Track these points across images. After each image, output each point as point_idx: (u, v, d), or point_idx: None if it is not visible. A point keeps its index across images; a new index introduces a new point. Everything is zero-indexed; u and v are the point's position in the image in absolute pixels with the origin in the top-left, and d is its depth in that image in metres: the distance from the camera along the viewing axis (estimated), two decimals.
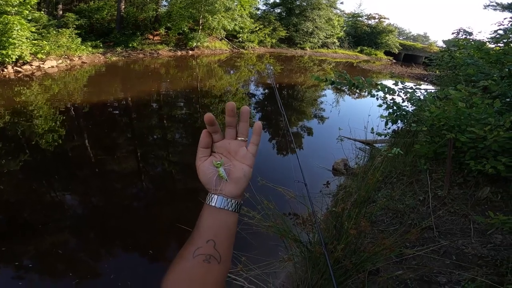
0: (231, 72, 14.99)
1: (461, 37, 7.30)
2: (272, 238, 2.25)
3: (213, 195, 0.53)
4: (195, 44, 17.51)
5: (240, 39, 21.48)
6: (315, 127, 7.84)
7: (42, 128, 5.78)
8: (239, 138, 0.56)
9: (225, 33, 19.99)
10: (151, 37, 17.05)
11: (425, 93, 3.78)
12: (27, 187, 4.04)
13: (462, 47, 5.84)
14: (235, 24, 19.62)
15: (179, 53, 16.92)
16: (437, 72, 10.75)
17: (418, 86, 3.80)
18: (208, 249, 0.49)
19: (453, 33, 8.31)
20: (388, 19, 32.39)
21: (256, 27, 22.38)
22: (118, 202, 3.93)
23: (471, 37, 7.19)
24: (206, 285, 0.47)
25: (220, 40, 20.49)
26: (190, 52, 17.54)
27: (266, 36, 23.39)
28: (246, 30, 21.47)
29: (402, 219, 2.75)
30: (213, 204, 0.52)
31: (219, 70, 14.74)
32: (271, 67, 16.00)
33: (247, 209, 2.05)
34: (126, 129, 6.74)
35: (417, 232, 1.91)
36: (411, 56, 30.95)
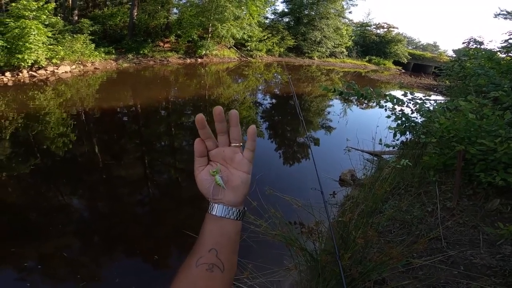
0: (239, 80, 15.13)
1: (472, 47, 7.19)
2: (278, 246, 2.25)
3: (213, 204, 0.53)
4: (204, 52, 17.76)
5: (248, 47, 21.69)
6: (322, 138, 7.82)
7: (53, 133, 5.92)
8: (233, 145, 0.54)
9: (233, 41, 20.23)
10: (161, 44, 17.36)
11: (434, 104, 3.75)
12: (35, 189, 4.13)
13: (472, 57, 5.74)
14: (244, 33, 19.86)
15: (188, 60, 17.17)
16: (447, 82, 10.63)
17: (427, 97, 3.78)
18: (210, 258, 0.48)
19: (463, 43, 8.21)
20: (397, 28, 32.35)
21: (264, 36, 22.59)
22: (124, 207, 3.98)
23: (481, 46, 7.06)
24: None
25: (229, 48, 20.74)
26: (199, 60, 17.79)
27: (274, 45, 23.56)
28: (254, 39, 21.69)
29: (410, 229, 2.72)
30: (214, 213, 0.52)
31: (227, 79, 14.90)
32: (290, 76, 16.04)
33: (254, 217, 2.06)
34: (134, 135, 6.85)
35: (425, 242, 1.89)
36: (420, 66, 30.67)
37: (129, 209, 3.92)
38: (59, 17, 12.11)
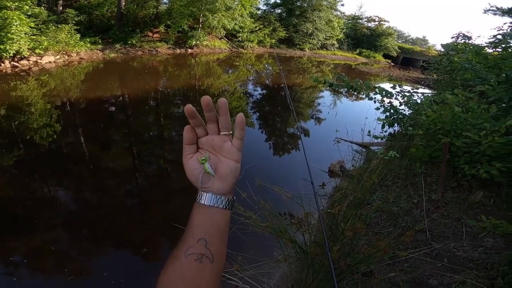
0: (230, 71, 14.98)
1: (460, 41, 7.30)
2: (268, 238, 2.26)
3: (202, 192, 0.52)
4: (194, 42, 17.45)
5: (239, 38, 21.44)
6: (312, 129, 7.86)
7: (37, 123, 5.74)
8: (222, 133, 0.53)
9: (225, 32, 19.96)
10: (150, 34, 16.97)
11: (422, 97, 3.80)
12: (20, 182, 3.99)
13: (460, 51, 5.83)
14: (235, 24, 19.59)
15: (178, 51, 16.86)
16: (435, 76, 10.81)
17: (415, 90, 3.82)
18: (199, 248, 0.48)
19: (452, 37, 8.32)
20: (388, 22, 32.52)
21: (256, 27, 22.35)
22: (112, 199, 3.90)
23: (470, 41, 7.18)
24: (199, 285, 0.46)
25: (220, 39, 20.45)
26: (189, 50, 17.50)
27: (266, 36, 23.37)
28: (246, 30, 21.44)
29: (396, 221, 2.78)
30: (203, 202, 0.51)
31: (218, 69, 14.73)
32: (281, 67, 15.93)
33: (244, 209, 2.07)
34: (122, 126, 6.72)
35: (411, 235, 1.93)
36: (409, 59, 31.05)
37: (118, 201, 3.86)
38: (43, 8, 11.77)
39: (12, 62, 9.43)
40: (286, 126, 7.95)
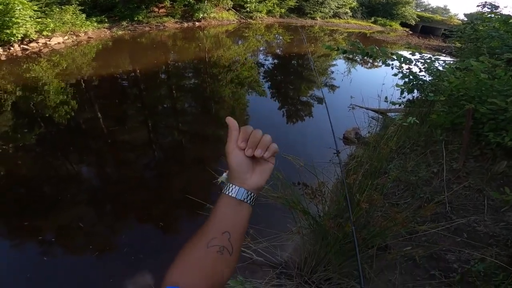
0: (240, 42, 14.56)
1: (487, 11, 6.84)
2: (281, 209, 2.22)
3: (233, 185, 0.53)
4: (201, 15, 16.89)
5: (247, 9, 20.59)
6: (326, 96, 7.61)
7: (53, 102, 5.80)
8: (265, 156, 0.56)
9: (232, 3, 19.18)
10: (156, 9, 16.51)
11: (443, 64, 3.58)
12: (42, 160, 4.11)
13: (487, 20, 5.53)
14: None
15: (185, 24, 16.41)
16: (457, 44, 10.28)
17: (437, 57, 3.59)
18: (223, 241, 0.49)
19: (478, 6, 7.82)
20: None
21: None
22: (129, 173, 3.97)
23: (497, 10, 6.73)
24: (215, 275, 0.48)
25: (227, 10, 19.70)
26: (197, 23, 16.99)
27: (275, 5, 22.36)
28: (254, 0, 20.54)
29: (415, 192, 2.68)
30: (233, 195, 0.52)
31: (227, 41, 14.34)
32: (304, 34, 15.34)
33: None
34: (136, 100, 6.73)
35: (432, 208, 1.83)
36: (429, 28, 29.34)
37: (135, 175, 3.92)
38: None
39: (21, 45, 9.51)
40: (298, 94, 7.78)
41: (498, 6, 6.75)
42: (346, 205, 1.94)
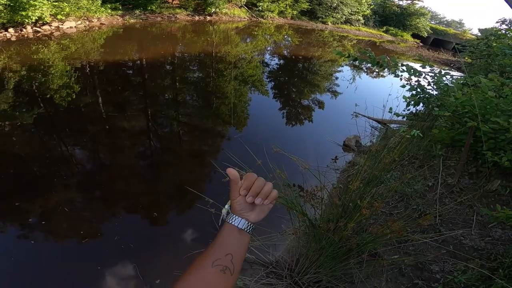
0: (248, 40, 14.56)
1: (505, 27, 6.84)
2: (277, 209, 2.25)
3: (236, 217, 0.62)
4: (213, 10, 16.92)
5: (260, 8, 20.59)
6: (328, 101, 7.66)
7: (56, 84, 5.81)
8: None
9: (244, 0, 19.17)
10: (170, 0, 16.56)
11: (451, 79, 3.59)
12: (38, 141, 4.08)
13: (502, 37, 5.52)
14: None
15: (196, 18, 16.43)
16: (467, 59, 10.28)
17: (447, 71, 3.61)
18: (226, 261, 0.57)
19: (497, 22, 7.83)
20: (422, 1, 30.27)
21: None
22: (125, 160, 3.92)
23: None
24: None
25: (240, 7, 19.70)
26: (208, 17, 17.01)
27: (287, 7, 22.33)
28: None
29: (408, 203, 2.72)
30: (236, 225, 0.61)
31: (236, 37, 14.35)
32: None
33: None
34: (138, 88, 6.72)
35: (429, 219, 1.85)
36: (440, 41, 29.26)
37: (131, 163, 3.88)
38: None
39: (34, 28, 9.47)
40: (302, 97, 7.80)
41: None
42: (341, 210, 1.98)
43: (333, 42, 19.13)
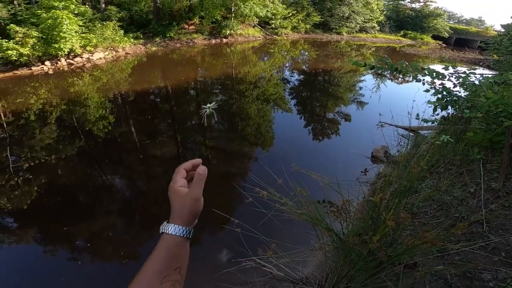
0: (265, 58, 14.85)
1: None
2: (304, 226, 2.19)
3: (176, 226, 0.58)
4: (228, 32, 17.52)
5: (273, 25, 21.06)
6: (354, 113, 7.55)
7: (93, 116, 6.24)
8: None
9: (257, 20, 19.71)
10: (186, 26, 17.37)
11: (480, 78, 3.39)
12: (81, 171, 4.42)
13: None
14: (267, 11, 19.21)
15: (213, 41, 17.06)
16: (495, 56, 9.77)
17: (472, 71, 3.41)
18: (175, 275, 0.54)
19: None
20: (435, 2, 29.64)
21: (288, 13, 21.74)
22: (158, 186, 4.14)
23: None
24: None
25: (253, 27, 20.26)
26: (224, 40, 17.61)
27: (300, 21, 22.65)
28: (278, 16, 20.96)
29: (449, 211, 2.52)
30: (180, 234, 0.58)
31: (253, 57, 14.69)
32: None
33: (280, 195, 2.00)
34: (167, 115, 7.05)
35: (464, 227, 1.71)
36: (464, 40, 28.21)
37: (164, 188, 4.00)
38: (87, 6, 12.48)
39: (67, 60, 10.23)
40: (325, 111, 7.72)
41: None
42: (371, 223, 1.88)
43: (351, 51, 19.02)
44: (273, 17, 20.63)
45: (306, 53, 17.22)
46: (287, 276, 2.23)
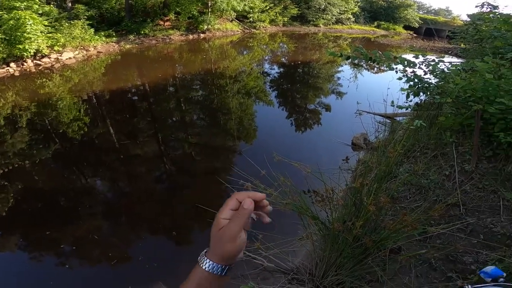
0: (245, 52, 14.78)
1: (486, 11, 6.85)
2: (290, 216, 2.23)
3: (206, 259, 0.55)
4: (206, 27, 17.23)
5: (251, 19, 20.92)
6: (333, 103, 7.72)
7: (67, 117, 5.97)
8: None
9: (235, 14, 19.51)
10: (161, 23, 16.89)
11: (449, 65, 3.57)
12: (59, 174, 4.25)
13: (488, 21, 5.51)
14: (245, 4, 19.02)
15: (190, 37, 16.73)
16: (462, 45, 10.24)
17: (440, 59, 3.59)
18: None
19: (476, 6, 7.81)
20: None
21: (266, 6, 21.66)
22: (142, 185, 4.07)
23: (496, 10, 6.74)
24: None
25: (231, 21, 20.04)
26: (202, 35, 17.31)
27: (278, 14, 22.65)
28: (256, 10, 20.83)
29: (426, 195, 2.65)
30: (217, 272, 0.54)
31: (232, 51, 14.58)
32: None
33: (264, 186, 2.03)
34: (146, 113, 6.87)
35: (440, 209, 1.81)
36: (433, 30, 29.22)
37: (147, 187, 4.02)
38: (52, 5, 11.89)
39: (34, 61, 9.72)
40: (306, 101, 7.83)
41: (497, 6, 6.75)
42: (354, 209, 1.95)
43: (329, 43, 19.27)
44: (251, 10, 20.46)
45: (285, 46, 17.29)
46: (278, 267, 2.26)
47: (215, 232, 0.56)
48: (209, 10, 17.19)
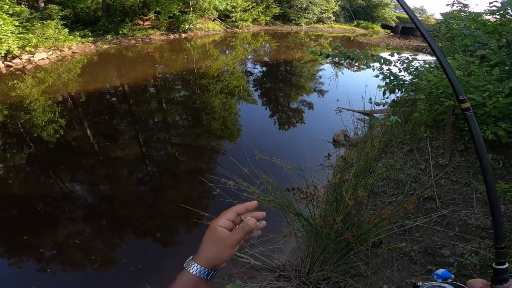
0: (227, 52, 14.73)
1: (456, 9, 7.15)
2: (274, 213, 2.26)
3: (194, 263, 0.56)
4: (187, 26, 17.01)
5: (233, 18, 20.85)
6: (314, 101, 7.86)
7: (42, 120, 5.73)
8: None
9: (217, 13, 19.39)
10: (141, 22, 16.52)
11: (422, 63, 3.72)
12: (36, 179, 4.09)
13: (459, 19, 5.75)
14: (227, 4, 18.96)
15: (171, 36, 16.47)
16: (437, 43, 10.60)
17: (414, 57, 3.73)
18: None
19: (447, 5, 8.12)
20: None
21: (248, 6, 21.65)
22: (124, 187, 3.99)
23: (467, 8, 7.05)
24: None
25: (213, 20, 19.89)
26: (183, 35, 17.08)
27: (260, 14, 22.70)
28: (238, 9, 20.78)
29: (404, 189, 2.75)
30: (203, 275, 0.56)
31: (215, 51, 14.49)
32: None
33: (247, 184, 2.05)
34: (126, 115, 6.71)
35: (414, 202, 1.88)
36: (408, 29, 30.19)
37: (130, 189, 3.95)
38: (23, 6, 11.48)
39: (5, 62, 9.32)
40: (288, 100, 7.93)
41: (467, 5, 7.05)
42: (336, 204, 2.00)
43: (310, 42, 19.52)
44: (233, 10, 20.37)
45: (267, 45, 17.37)
46: (265, 265, 2.26)
47: (211, 237, 0.58)
48: (191, 9, 17.00)
